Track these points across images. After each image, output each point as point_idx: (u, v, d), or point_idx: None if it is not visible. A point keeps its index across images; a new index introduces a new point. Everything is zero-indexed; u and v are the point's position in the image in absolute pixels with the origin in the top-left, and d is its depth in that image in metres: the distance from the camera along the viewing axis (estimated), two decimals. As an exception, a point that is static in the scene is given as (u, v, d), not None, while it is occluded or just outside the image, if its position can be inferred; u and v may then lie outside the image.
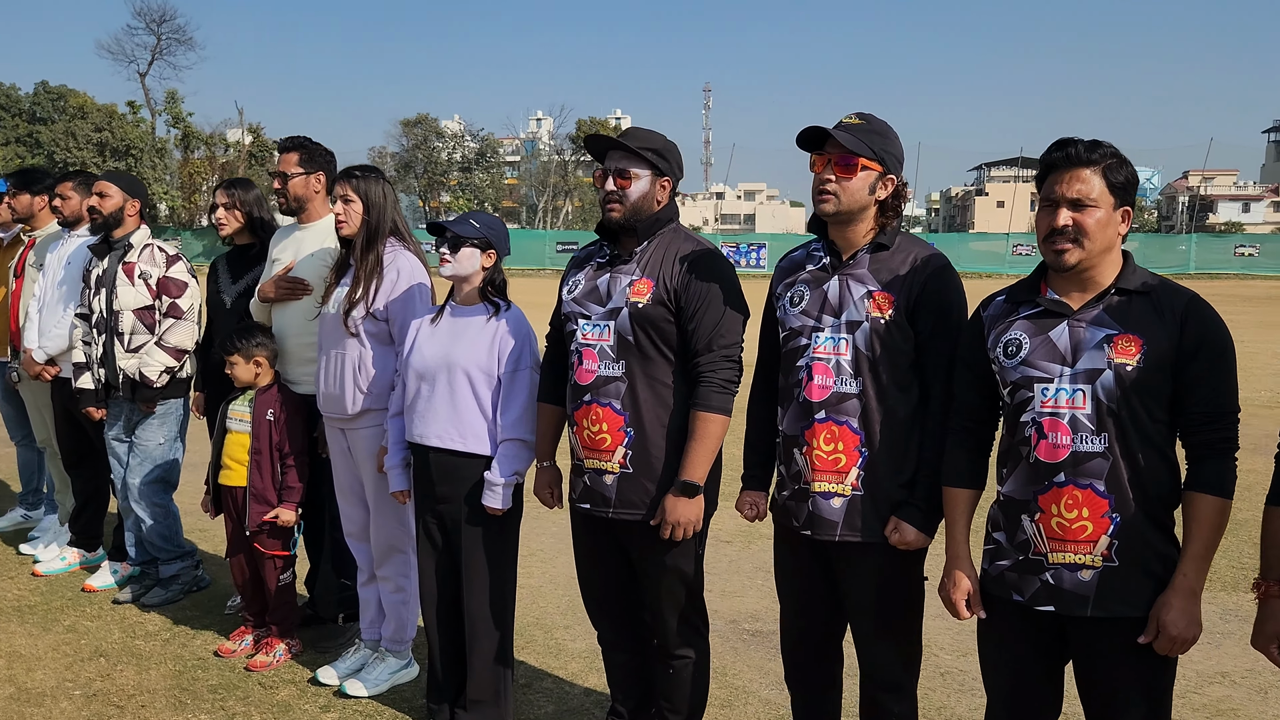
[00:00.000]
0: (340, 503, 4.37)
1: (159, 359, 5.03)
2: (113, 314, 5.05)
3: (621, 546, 3.37)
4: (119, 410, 5.20)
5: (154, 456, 5.19)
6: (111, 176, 5.15)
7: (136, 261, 5.08)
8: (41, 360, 5.44)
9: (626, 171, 3.23)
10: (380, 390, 4.07)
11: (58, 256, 5.56)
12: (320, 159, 4.59)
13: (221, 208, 4.97)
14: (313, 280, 4.50)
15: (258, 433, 4.40)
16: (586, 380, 3.23)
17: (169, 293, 5.07)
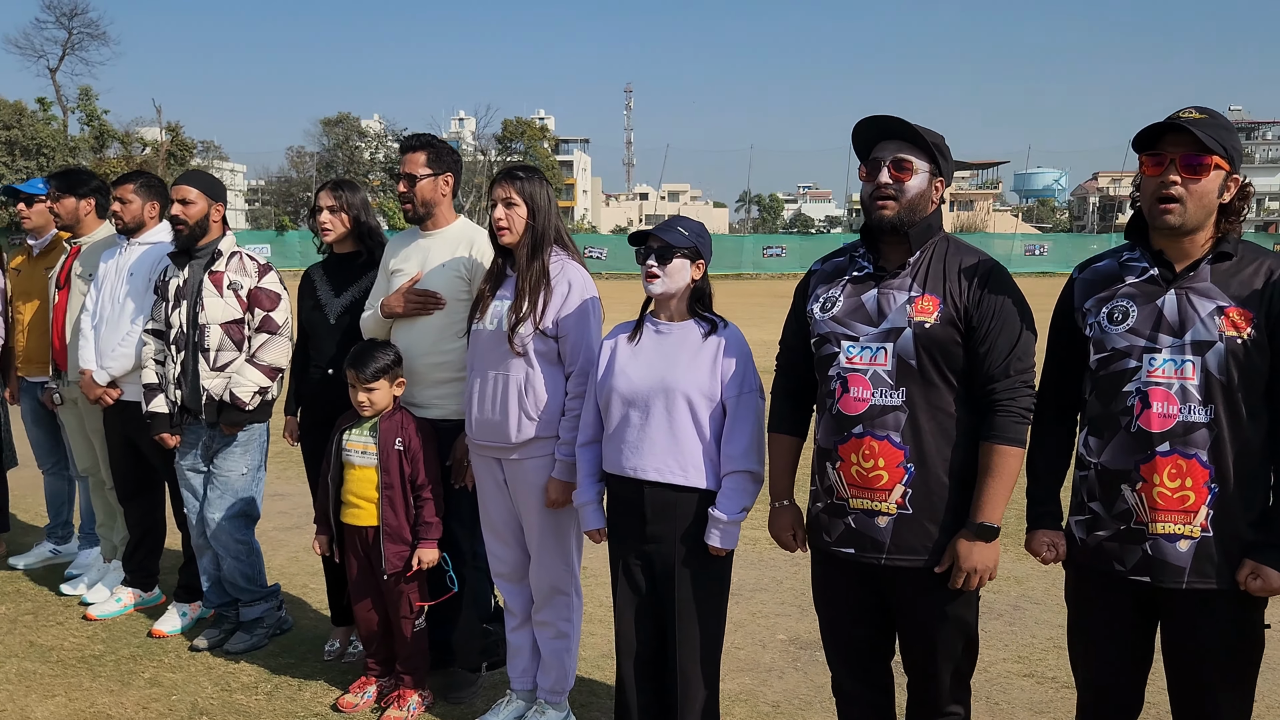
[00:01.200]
0: (489, 540, 3.95)
1: (251, 378, 4.54)
2: (197, 329, 4.55)
3: (882, 595, 3.02)
4: (195, 436, 4.70)
5: (235, 488, 4.70)
6: (192, 179, 4.64)
7: (225, 271, 4.59)
8: (104, 382, 4.89)
9: (907, 163, 2.87)
10: (550, 416, 3.67)
11: (115, 266, 5.02)
12: (448, 158, 4.16)
13: (326, 211, 4.50)
14: (445, 293, 4.08)
15: (387, 465, 3.96)
16: (857, 410, 2.88)
17: (261, 305, 4.59)
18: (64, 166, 5.51)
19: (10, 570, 5.89)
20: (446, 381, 4.11)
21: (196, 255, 4.65)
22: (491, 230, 3.75)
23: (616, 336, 3.45)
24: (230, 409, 4.56)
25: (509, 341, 3.64)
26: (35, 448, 5.95)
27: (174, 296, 4.62)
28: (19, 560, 5.94)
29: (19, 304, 5.71)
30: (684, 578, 3.28)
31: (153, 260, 4.94)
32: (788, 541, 3.19)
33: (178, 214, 4.57)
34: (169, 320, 4.62)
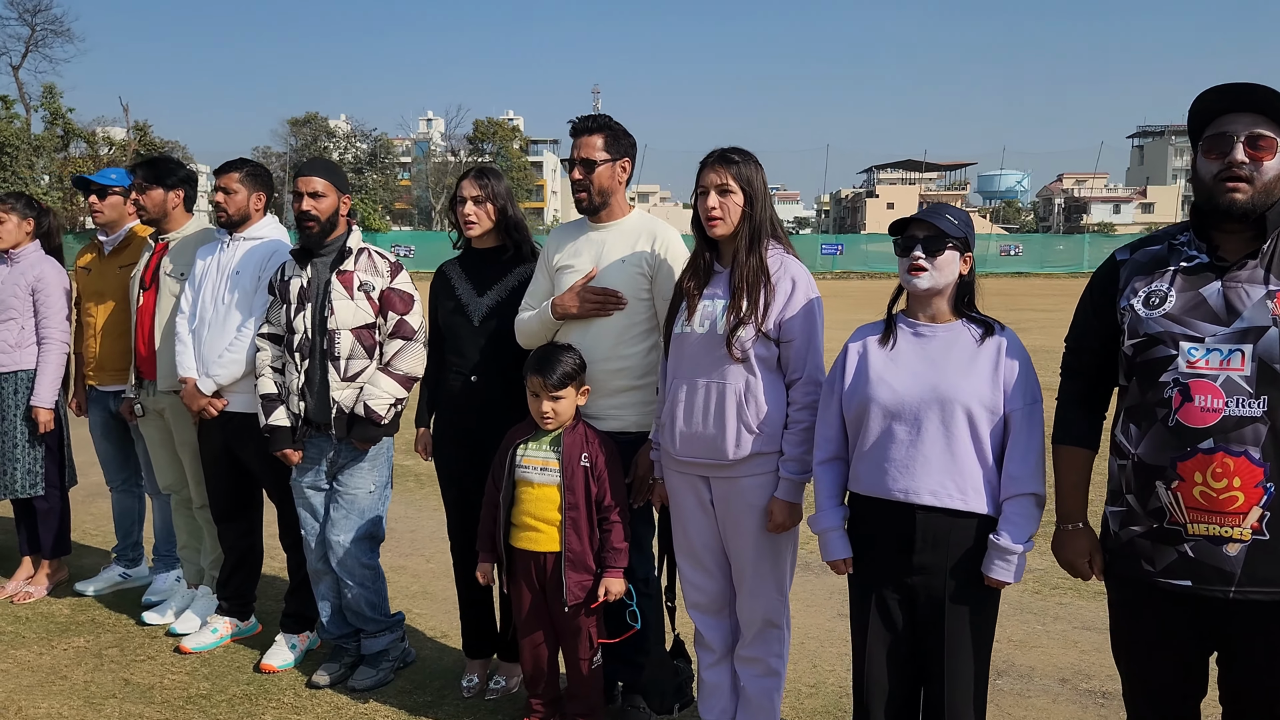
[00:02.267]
0: (687, 568, 3.54)
1: (387, 389, 4.11)
2: (325, 334, 4.11)
3: (1209, 631, 2.65)
4: (319, 451, 4.25)
5: (362, 507, 4.26)
6: (319, 169, 4.20)
7: (355, 270, 4.15)
8: (210, 391, 4.43)
9: (1266, 140, 2.49)
10: (773, 429, 3.27)
11: (217, 264, 4.56)
12: (625, 142, 3.76)
13: (470, 201, 4.06)
14: (625, 292, 3.68)
15: (571, 484, 3.54)
16: (1206, 422, 2.50)
17: (394, 308, 4.16)
18: (151, 155, 4.92)
19: (79, 597, 5.40)
20: (625, 390, 3.70)
21: (321, 253, 4.21)
22: (697, 220, 3.36)
23: (863, 339, 3.06)
24: (363, 423, 4.12)
25: (727, 346, 3.24)
26: (104, 463, 5.45)
27: (296, 298, 4.17)
28: (87, 586, 5.45)
29: (89, 306, 5.22)
30: (957, 613, 2.89)
31: (261, 257, 4.48)
32: (1083, 569, 2.81)
33: (308, 209, 4.13)
34: (290, 324, 4.17)
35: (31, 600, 5.34)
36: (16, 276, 5.26)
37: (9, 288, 5.24)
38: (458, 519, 4.27)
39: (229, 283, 4.49)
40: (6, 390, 5.23)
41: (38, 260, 5.33)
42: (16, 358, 5.24)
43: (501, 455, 3.69)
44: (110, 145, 49.53)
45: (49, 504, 5.40)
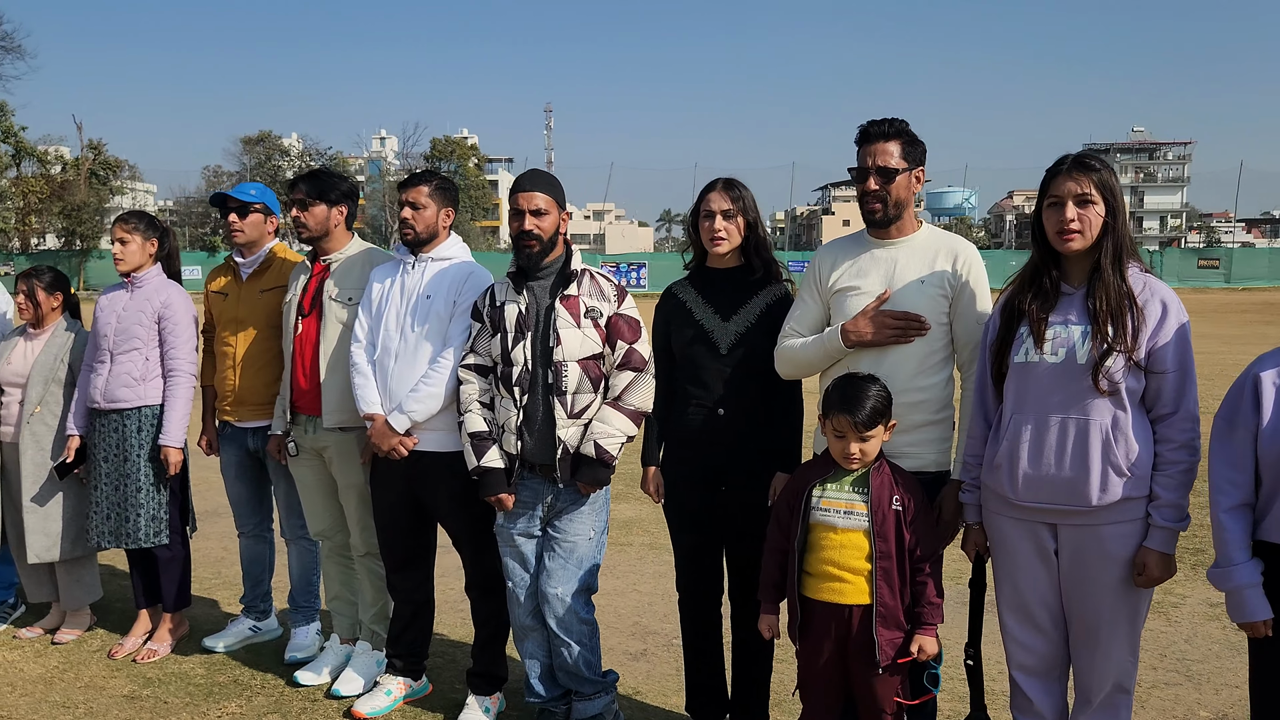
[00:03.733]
0: (1014, 625, 3.17)
1: (619, 426, 3.70)
2: (550, 366, 3.69)
3: None
4: (534, 495, 3.83)
5: (581, 556, 3.85)
6: (540, 183, 3.79)
7: (580, 295, 3.74)
8: (403, 429, 3.97)
9: None
10: (1143, 471, 2.92)
11: (401, 287, 4.12)
12: (920, 150, 3.40)
13: (719, 216, 3.68)
14: (927, 315, 3.31)
15: (882, 530, 3.16)
16: None
17: (623, 336, 3.75)
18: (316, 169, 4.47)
19: (208, 654, 4.88)
20: (924, 424, 3.33)
21: (539, 275, 3.79)
22: (1039, 234, 3.01)
23: (1264, 371, 2.72)
24: (592, 464, 3.70)
25: (1093, 377, 2.87)
26: (237, 506, 4.95)
27: (514, 327, 3.74)
28: (216, 641, 4.94)
29: (225, 335, 4.74)
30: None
31: (455, 280, 4.05)
32: None
33: (530, 227, 3.71)
34: (507, 355, 3.74)
35: (157, 659, 4.82)
36: (140, 303, 4.76)
37: (133, 315, 4.75)
38: (692, 567, 3.87)
39: (418, 308, 4.05)
40: (130, 428, 4.73)
41: (162, 285, 4.84)
42: (141, 392, 4.74)
43: (792, 497, 3.30)
44: (64, 164, 48.15)
45: (171, 552, 4.90)
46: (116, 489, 4.74)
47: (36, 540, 4.90)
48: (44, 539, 4.91)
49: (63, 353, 4.98)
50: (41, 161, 47.62)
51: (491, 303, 3.84)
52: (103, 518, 4.78)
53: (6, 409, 4.98)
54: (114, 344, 4.73)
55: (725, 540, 3.83)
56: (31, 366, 4.94)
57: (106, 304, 4.83)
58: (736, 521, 3.74)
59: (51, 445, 4.93)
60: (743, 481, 3.69)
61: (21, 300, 4.99)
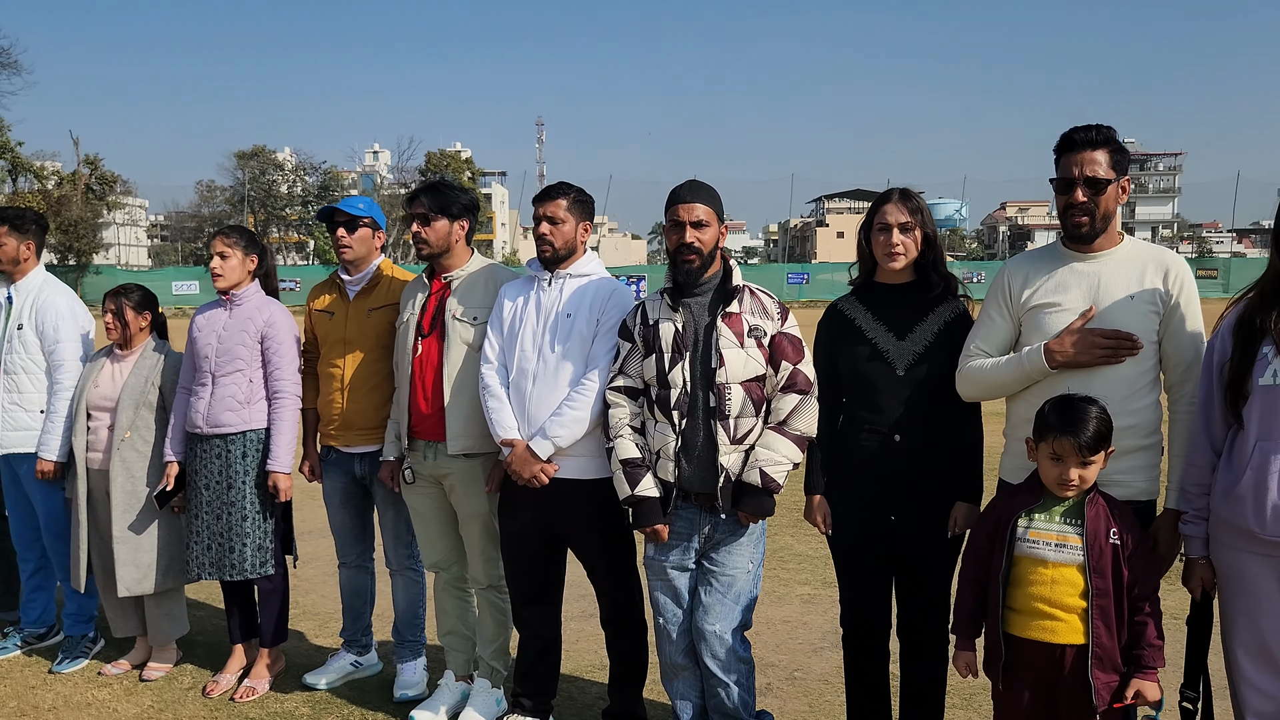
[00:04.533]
0: (1251, 670, 2.95)
1: (786, 452, 3.49)
2: (712, 389, 3.48)
3: None
4: (690, 525, 3.62)
5: (739, 590, 3.63)
6: (699, 194, 3.58)
7: (742, 312, 3.53)
8: (547, 454, 3.76)
9: None
10: (1405, 501, 2.71)
11: (536, 305, 3.91)
12: (1126, 158, 3.20)
13: (897, 230, 3.48)
14: (1139, 334, 3.11)
15: (1099, 565, 2.95)
16: None
17: (787, 356, 3.54)
18: (429, 180, 4.24)
19: (309, 691, 4.64)
20: (1134, 450, 3.13)
21: (696, 292, 3.58)
22: None
23: None
24: (756, 493, 3.49)
25: None
26: (340, 535, 4.72)
27: (671, 347, 3.53)
28: (317, 678, 4.70)
29: (332, 356, 4.51)
30: None
31: (598, 297, 3.85)
32: None
33: (691, 240, 3.51)
34: (663, 378, 3.53)
35: (256, 697, 4.58)
36: (242, 322, 4.53)
37: (234, 335, 4.52)
38: (861, 603, 3.67)
39: (557, 327, 3.84)
40: (235, 454, 4.49)
41: (263, 303, 4.61)
42: (245, 416, 4.51)
43: (993, 526, 3.10)
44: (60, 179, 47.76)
45: (272, 584, 4.66)
46: (219, 518, 4.51)
47: (127, 572, 4.66)
48: (135, 571, 4.68)
49: (153, 375, 4.75)
50: (37, 177, 47.22)
51: (644, 321, 3.63)
52: (203, 548, 4.54)
53: (94, 434, 4.75)
54: (216, 365, 4.50)
55: (895, 574, 3.62)
56: (121, 390, 4.71)
57: (204, 323, 4.60)
58: (910, 554, 3.54)
59: (143, 472, 4.69)
60: (918, 511, 3.48)
61: (109, 320, 4.76)
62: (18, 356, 4.93)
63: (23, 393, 4.94)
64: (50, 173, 47.88)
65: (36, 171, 47.13)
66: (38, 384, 4.94)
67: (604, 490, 3.79)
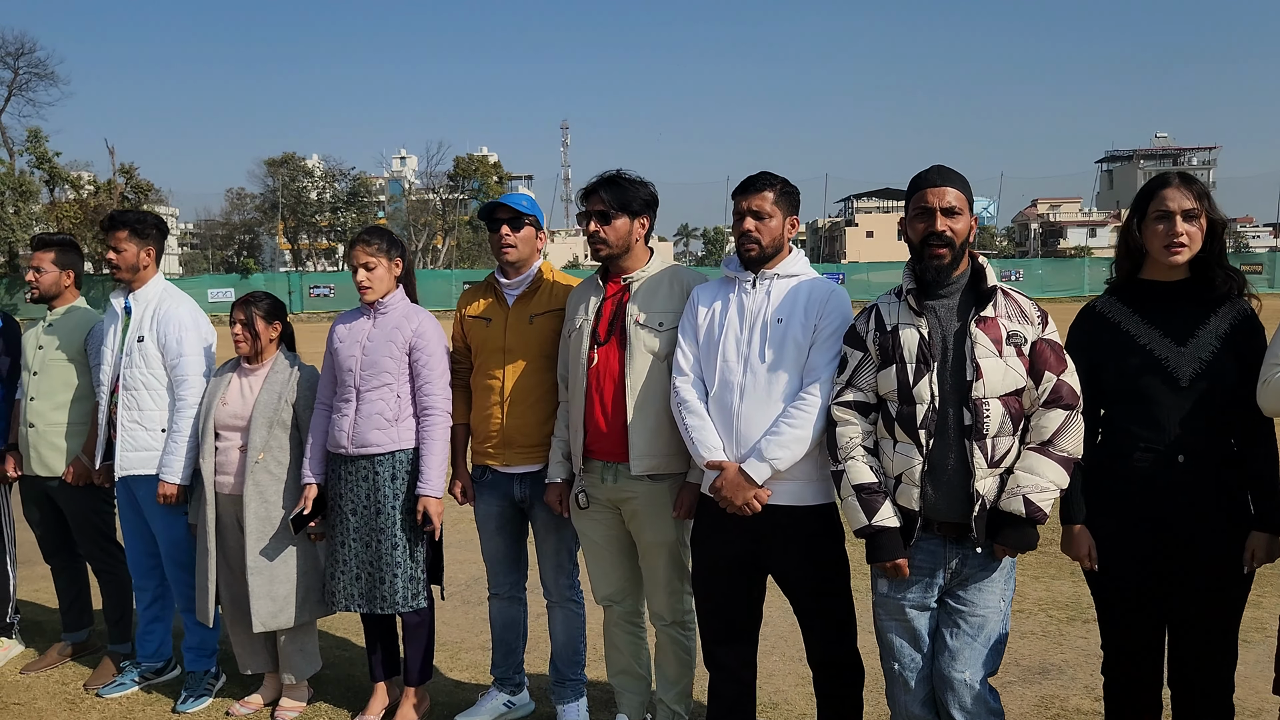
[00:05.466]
0: None
1: (1053, 477, 3.05)
2: (966, 404, 3.04)
3: None
4: (932, 558, 3.18)
5: (991, 632, 3.20)
6: (949, 176, 3.16)
7: (998, 316, 3.09)
8: (764, 478, 3.33)
9: None
10: None
11: (738, 310, 3.50)
12: None
13: (1179, 217, 3.04)
14: None
15: None
16: None
17: (1050, 366, 3.09)
18: (607, 173, 3.82)
19: (461, 736, 4.25)
20: None
21: (942, 293, 3.15)
22: None
23: None
24: (1018, 524, 3.05)
25: None
26: (492, 563, 4.32)
27: (915, 356, 3.10)
28: None
29: (490, 366, 4.12)
30: None
31: (814, 300, 3.43)
32: None
33: (942, 229, 3.08)
34: (905, 391, 3.10)
35: (405, 742, 4.18)
36: (389, 332, 4.14)
37: (380, 347, 4.13)
38: (1130, 649, 3.24)
39: (766, 334, 3.42)
40: (383, 476, 4.10)
41: (410, 311, 4.22)
42: (394, 434, 4.12)
43: None
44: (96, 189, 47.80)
45: (420, 617, 4.27)
46: (368, 545, 4.12)
47: (263, 605, 4.28)
48: (271, 604, 4.29)
49: (286, 390, 4.36)
50: (74, 187, 47.27)
51: (879, 326, 3.20)
52: (351, 578, 4.16)
53: (224, 455, 4.37)
54: (360, 380, 4.11)
55: (1171, 616, 3.18)
56: (252, 407, 4.33)
57: (346, 334, 4.21)
58: (1191, 593, 3.10)
59: (278, 496, 4.31)
60: (1206, 543, 3.04)
61: (239, 331, 4.38)
62: (138, 371, 4.56)
63: (143, 410, 4.57)
64: (86, 182, 47.89)
65: (74, 182, 47.16)
66: (159, 401, 4.57)
67: (820, 517, 3.39)
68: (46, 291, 4.94)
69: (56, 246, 4.97)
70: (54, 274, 4.94)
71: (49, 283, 4.94)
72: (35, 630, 5.56)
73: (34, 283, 4.94)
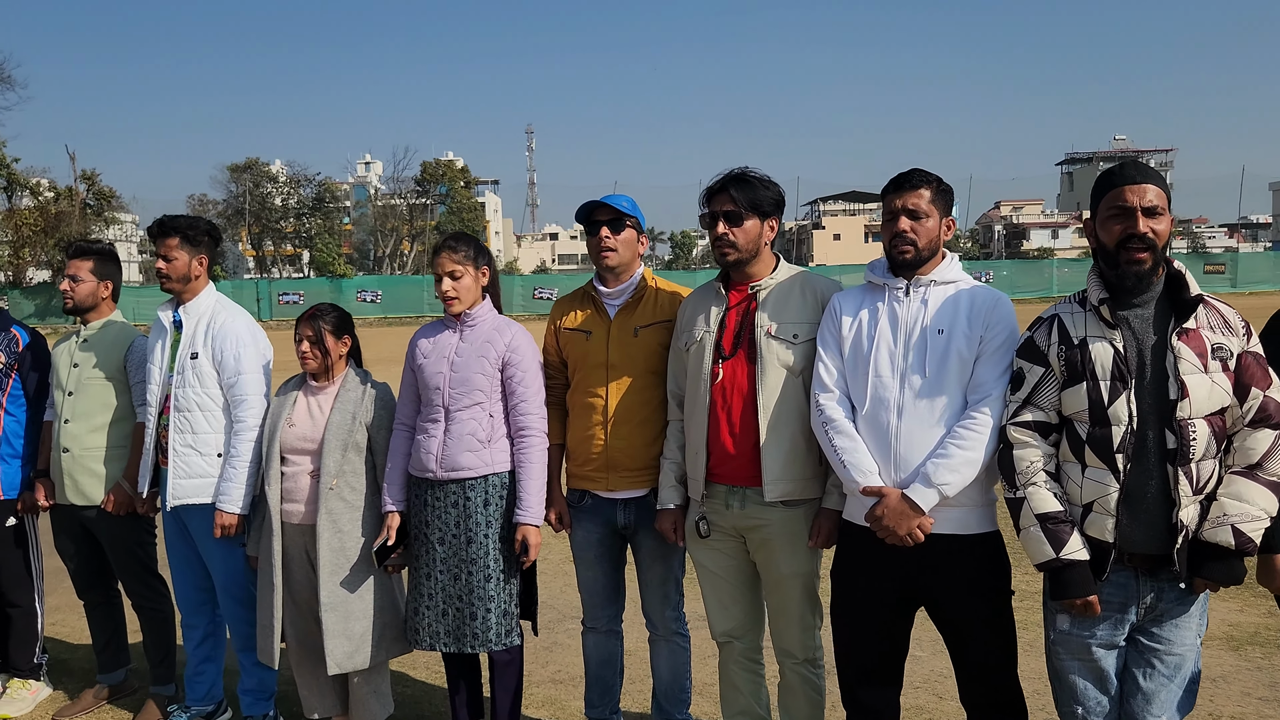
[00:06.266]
0: None
1: (1263, 504, 2.78)
2: (1171, 426, 2.76)
3: None
4: (1123, 592, 2.89)
5: (1188, 673, 2.94)
6: (1149, 173, 2.87)
7: (1200, 328, 2.81)
8: (930, 505, 3.03)
9: None
10: None
11: (889, 320, 3.19)
12: None
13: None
14: None
15: None
16: None
17: (1256, 381, 2.82)
18: (734, 170, 3.51)
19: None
20: None
21: (1136, 303, 2.86)
22: None
23: None
24: (1225, 556, 2.77)
25: None
26: (590, 595, 3.98)
27: (1110, 372, 2.81)
28: (569, 767, 3.96)
29: (591, 383, 3.79)
30: None
31: (977, 308, 3.14)
32: None
33: (1144, 230, 2.79)
34: (1101, 412, 2.81)
35: (500, 793, 3.83)
36: (479, 346, 3.80)
37: (471, 362, 3.79)
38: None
39: (925, 347, 3.12)
40: (475, 502, 3.76)
41: (501, 324, 3.88)
42: (487, 457, 3.78)
43: None
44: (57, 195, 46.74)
45: (510, 655, 3.92)
46: (456, 578, 3.78)
47: (338, 645, 3.92)
48: (347, 643, 3.94)
49: (360, 411, 4.01)
50: (33, 193, 46.22)
51: (1063, 339, 2.91)
52: (437, 614, 3.81)
53: (292, 481, 4.01)
54: (450, 398, 3.76)
55: None
56: (325, 429, 3.97)
57: (431, 349, 3.87)
58: None
59: (352, 526, 3.95)
60: None
61: (306, 348, 4.02)
62: (191, 391, 4.19)
63: (197, 434, 4.19)
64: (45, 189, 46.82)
65: (33, 188, 46.10)
66: (214, 423, 4.20)
67: (984, 546, 3.11)
68: (82, 302, 4.56)
69: (95, 255, 4.59)
70: (91, 284, 4.56)
71: (85, 293, 4.55)
72: (61, 670, 5.16)
73: (69, 292, 4.55)
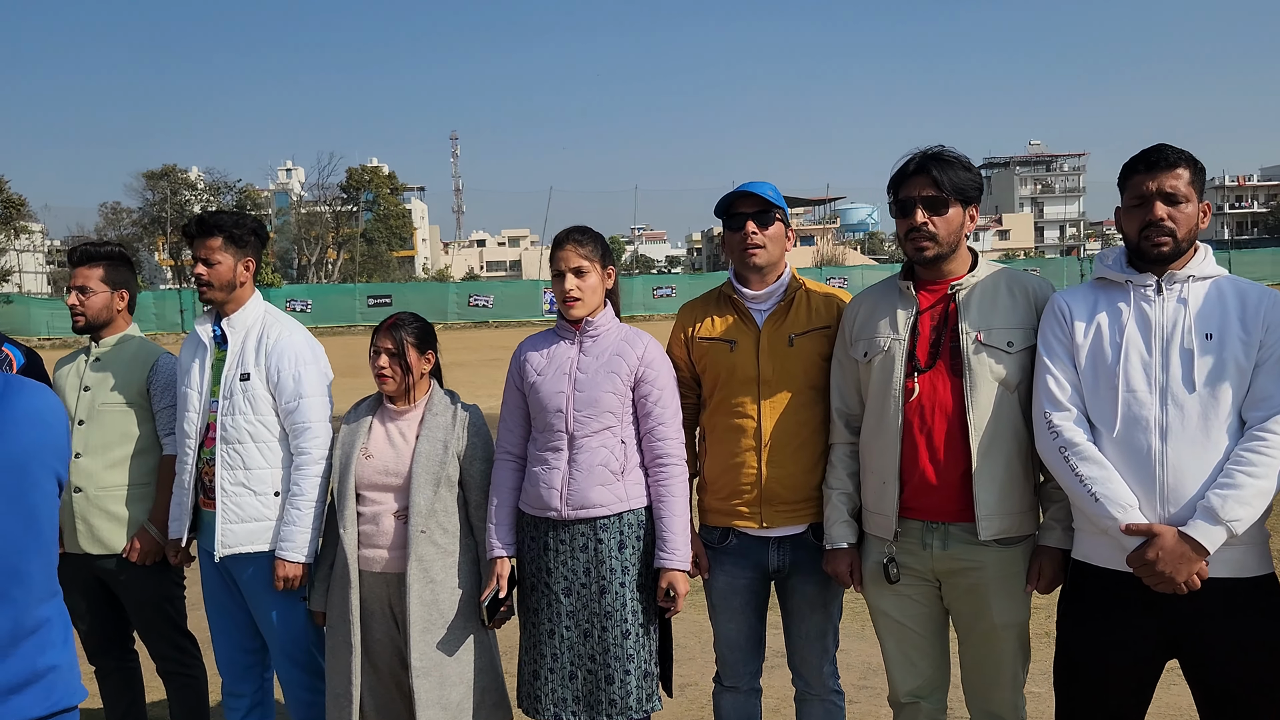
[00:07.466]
0: None
1: None
2: None
3: None
4: None
5: None
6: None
7: None
8: (1215, 545, 2.52)
9: None
10: None
11: (1137, 321, 2.70)
12: None
13: None
14: None
15: None
16: None
17: None
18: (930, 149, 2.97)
19: None
20: None
21: None
22: None
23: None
24: None
25: None
26: (730, 650, 3.41)
27: None
28: None
29: (741, 402, 3.22)
30: None
31: (1248, 305, 2.65)
32: None
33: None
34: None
35: None
36: (607, 360, 3.22)
37: (598, 379, 3.20)
38: None
39: (1189, 355, 2.63)
40: (608, 545, 3.17)
41: (630, 335, 3.30)
42: (621, 491, 3.19)
43: None
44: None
45: None
46: (588, 635, 3.18)
47: (433, 715, 3.31)
48: (443, 713, 3.32)
49: (451, 439, 3.40)
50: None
51: None
52: (563, 677, 3.21)
53: (372, 523, 3.38)
54: (575, 423, 3.17)
55: None
56: (411, 461, 3.35)
57: (544, 364, 3.27)
58: None
59: (447, 575, 3.35)
60: None
61: (385, 364, 3.39)
62: (242, 419, 3.53)
63: (250, 469, 3.53)
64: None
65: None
66: (270, 457, 3.55)
67: (1261, 590, 2.63)
68: (95, 318, 3.85)
69: (105, 260, 3.88)
70: (104, 295, 3.85)
71: (98, 307, 3.85)
72: (62, 742, 4.40)
73: (78, 307, 3.84)
